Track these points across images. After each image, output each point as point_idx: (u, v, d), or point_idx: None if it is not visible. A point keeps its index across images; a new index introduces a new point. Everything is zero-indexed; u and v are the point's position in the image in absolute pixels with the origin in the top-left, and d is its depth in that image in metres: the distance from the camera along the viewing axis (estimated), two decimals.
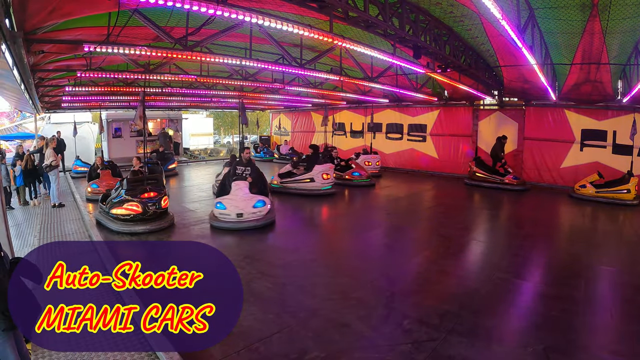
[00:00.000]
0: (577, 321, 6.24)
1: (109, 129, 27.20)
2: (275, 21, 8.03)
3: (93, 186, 15.97)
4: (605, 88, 16.30)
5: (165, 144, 27.79)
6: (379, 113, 26.10)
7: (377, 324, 5.86)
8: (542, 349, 5.36)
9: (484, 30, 11.83)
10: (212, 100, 26.16)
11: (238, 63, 12.50)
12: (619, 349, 5.57)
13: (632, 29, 10.87)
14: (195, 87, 19.95)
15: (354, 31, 11.52)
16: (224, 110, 37.73)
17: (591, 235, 11.90)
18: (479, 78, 16.51)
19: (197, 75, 15.97)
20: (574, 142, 19.22)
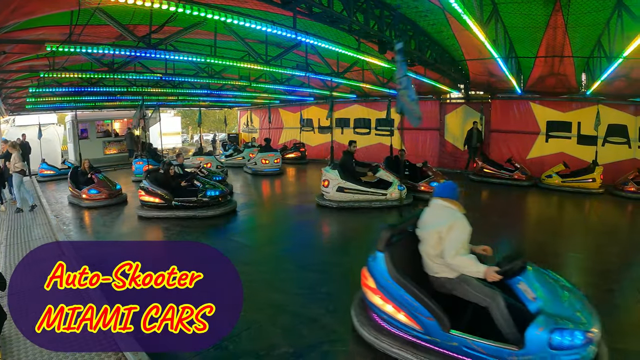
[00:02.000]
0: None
1: (74, 130, 26.56)
2: (239, 17, 7.98)
3: (92, 192, 14.76)
4: (569, 80, 16.62)
5: (131, 144, 27.40)
6: (347, 108, 26.20)
7: (346, 317, 5.83)
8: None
9: (449, 25, 11.91)
10: (179, 99, 25.90)
11: (203, 60, 12.39)
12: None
13: (594, 23, 11.05)
14: (162, 85, 19.69)
15: (318, 27, 11.48)
16: (192, 108, 37.33)
17: (557, 223, 12.08)
18: (445, 72, 16.60)
19: (163, 74, 15.78)
20: (539, 133, 19.57)
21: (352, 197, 13.27)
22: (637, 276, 7.84)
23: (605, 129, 17.42)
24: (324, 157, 26.85)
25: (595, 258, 8.79)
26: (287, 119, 29.68)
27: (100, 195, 14.76)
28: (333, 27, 9.99)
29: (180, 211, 12.67)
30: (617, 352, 4.94)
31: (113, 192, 15.11)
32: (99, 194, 14.76)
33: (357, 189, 13.29)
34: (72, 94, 19.74)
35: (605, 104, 17.28)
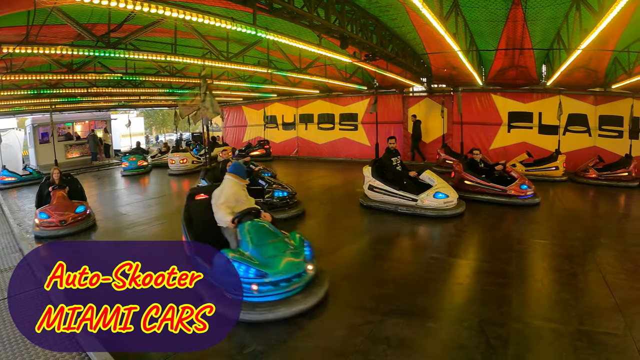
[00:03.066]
0: (511, 293, 6.36)
1: (35, 135, 25.86)
2: (197, 15, 7.87)
3: (42, 216, 10.66)
4: (529, 72, 16.99)
5: (94, 146, 26.89)
6: (310, 104, 26.08)
7: (313, 312, 5.81)
8: (477, 323, 5.44)
9: (410, 20, 11.95)
10: (141, 99, 25.48)
11: (163, 59, 12.21)
12: (552, 316, 5.73)
13: (553, 17, 11.25)
14: (123, 85, 19.34)
15: (280, 23, 11.40)
16: (154, 108, 36.79)
17: (522, 211, 12.21)
18: (407, 66, 16.67)
19: (123, 73, 15.51)
20: (501, 124, 19.95)
21: (382, 197, 11.93)
22: (600, 260, 7.97)
23: (566, 118, 17.86)
24: (289, 153, 26.83)
25: (560, 243, 8.89)
26: (251, 116, 29.42)
27: (50, 222, 10.57)
28: (294, 23, 9.93)
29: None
30: (584, 334, 5.13)
31: (69, 215, 10.83)
32: (48, 219, 10.59)
33: (384, 190, 11.82)
34: (31, 97, 19.22)
35: (566, 95, 17.73)
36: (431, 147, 21.45)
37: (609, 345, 4.93)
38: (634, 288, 6.55)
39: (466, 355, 4.84)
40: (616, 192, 14.09)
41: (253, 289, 5.58)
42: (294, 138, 27.19)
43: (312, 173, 20.73)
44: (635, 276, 7.07)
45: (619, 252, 8.28)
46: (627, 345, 4.93)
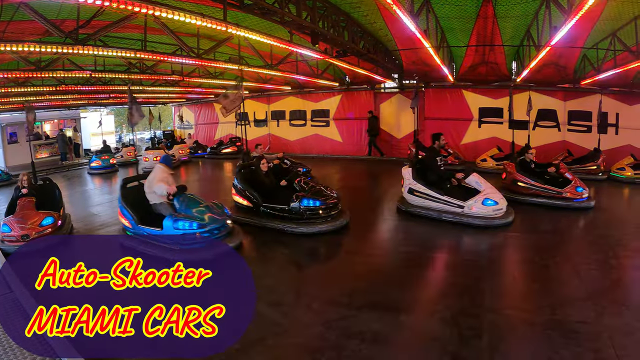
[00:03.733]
0: (483, 285, 6.48)
1: (2, 134, 25.02)
2: (167, 10, 7.75)
3: (4, 229, 9.08)
4: (500, 69, 17.21)
5: (63, 146, 26.32)
6: (282, 100, 26.03)
7: (288, 309, 5.83)
8: (449, 315, 5.54)
9: (381, 16, 11.96)
10: (111, 96, 25.01)
11: (133, 56, 12.01)
12: (523, 305, 5.90)
13: (523, 14, 11.38)
14: (92, 83, 18.97)
15: (251, 19, 11.30)
16: (124, 106, 36.20)
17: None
18: (378, 62, 16.68)
19: (92, 71, 15.23)
20: (472, 119, 20.27)
21: (423, 202, 10.63)
22: (571, 251, 8.11)
23: (536, 113, 18.13)
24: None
25: (532, 237, 9.05)
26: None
27: (12, 236, 8.99)
28: (265, 20, 9.85)
29: (266, 220, 10.13)
30: (555, 323, 5.30)
31: (32, 229, 9.14)
32: (9, 232, 9.01)
33: (427, 194, 10.49)
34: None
35: (536, 90, 18.03)
36: (403, 143, 21.53)
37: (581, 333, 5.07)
38: (605, 278, 6.69)
39: (439, 347, 4.90)
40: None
41: (197, 237, 7.94)
42: (265, 135, 27.05)
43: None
44: (605, 266, 7.23)
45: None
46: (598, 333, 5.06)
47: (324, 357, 4.74)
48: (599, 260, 7.55)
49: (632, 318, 5.37)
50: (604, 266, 7.31)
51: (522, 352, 4.88)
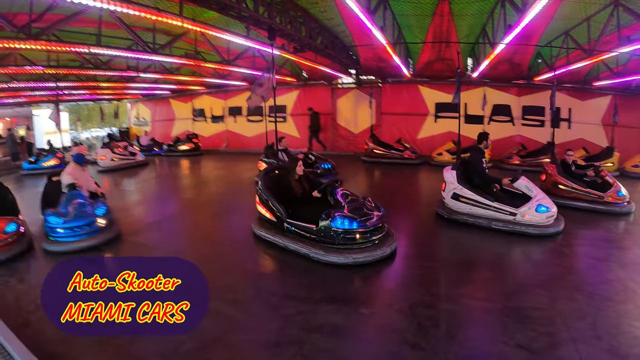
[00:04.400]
0: (440, 276, 6.61)
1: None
2: (122, 5, 7.64)
3: None
4: (455, 65, 17.38)
5: (13, 146, 25.34)
6: (240, 96, 25.80)
7: (246, 306, 5.83)
8: (407, 306, 5.61)
9: (339, 12, 12.01)
10: (65, 93, 24.41)
11: (87, 51, 11.79)
12: (479, 295, 6.05)
13: (479, 12, 11.58)
14: (46, 79, 18.51)
15: (208, 14, 11.24)
16: (79, 103, 35.39)
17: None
18: (336, 58, 16.78)
19: (45, 66, 14.87)
20: (428, 114, 20.61)
21: (469, 209, 9.48)
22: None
23: (491, 108, 18.57)
24: (218, 147, 26.52)
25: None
26: (179, 109, 28.84)
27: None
28: (222, 14, 9.79)
29: (289, 240, 7.89)
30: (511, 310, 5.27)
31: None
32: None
33: (475, 200, 9.37)
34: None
35: (490, 86, 18.43)
36: (360, 138, 21.64)
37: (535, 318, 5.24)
38: (556, 265, 6.97)
39: (398, 338, 4.96)
40: (538, 176, 14.78)
41: (59, 231, 8.20)
42: (223, 131, 26.91)
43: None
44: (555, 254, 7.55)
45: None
46: (552, 318, 5.23)
47: (285, 352, 4.75)
48: None
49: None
50: None
51: (479, 339, 4.99)
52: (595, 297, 5.80)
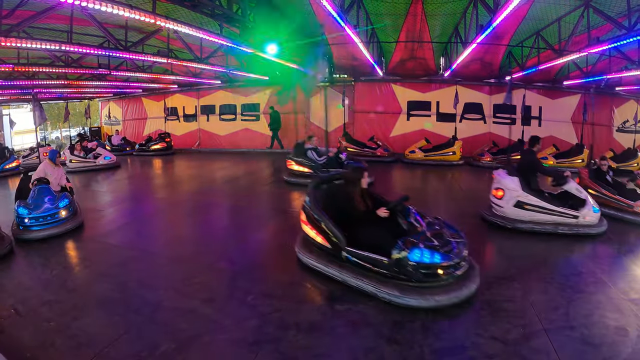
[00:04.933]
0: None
1: None
2: (94, 2, 7.56)
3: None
4: (428, 64, 17.71)
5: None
6: (212, 95, 25.79)
7: (222, 305, 5.79)
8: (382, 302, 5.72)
9: (312, 10, 12.02)
10: (34, 92, 23.92)
11: (58, 48, 11.64)
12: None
13: (452, 12, 11.74)
14: (15, 77, 18.17)
15: (181, 11, 11.17)
16: (49, 102, 34.77)
17: (423, 192, 12.99)
18: None
19: (15, 64, 14.61)
20: (401, 112, 20.94)
21: (532, 216, 9.00)
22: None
23: (463, 107, 18.83)
24: (191, 146, 26.37)
25: (457, 220, 9.32)
26: (151, 108, 28.58)
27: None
28: (195, 12, 9.75)
29: (349, 274, 6.17)
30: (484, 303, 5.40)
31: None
32: None
33: (541, 207, 8.93)
34: None
35: (463, 85, 18.71)
36: (333, 136, 21.63)
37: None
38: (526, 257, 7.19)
39: (374, 332, 5.04)
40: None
41: (26, 221, 8.94)
42: (195, 130, 26.82)
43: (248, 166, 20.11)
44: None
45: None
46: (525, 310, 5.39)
47: (262, 349, 4.76)
48: None
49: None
50: None
51: (453, 332, 5.05)
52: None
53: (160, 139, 24.77)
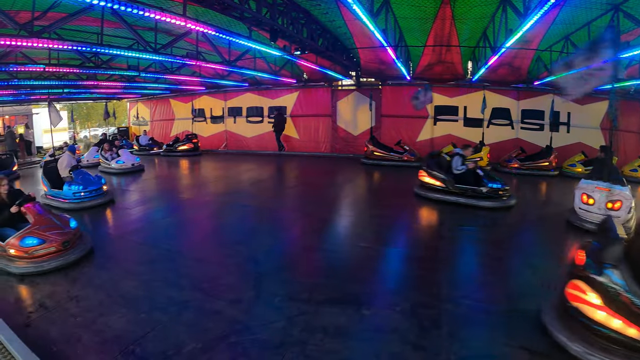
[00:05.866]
0: (441, 277, 6.66)
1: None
2: (126, 4, 7.65)
3: (29, 242, 7.26)
4: (456, 68, 17.58)
5: (12, 144, 25.11)
6: (239, 97, 25.86)
7: (248, 306, 5.79)
8: (409, 307, 5.66)
9: (341, 14, 12.03)
10: (65, 92, 24.23)
11: (89, 49, 11.78)
12: (479, 296, 6.05)
13: (480, 16, 11.66)
14: (45, 77, 18.42)
15: (210, 14, 11.24)
16: (78, 102, 35.22)
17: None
18: (336, 60, 16.81)
19: (46, 64, 14.81)
20: (428, 117, 20.63)
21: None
22: (523, 243, 8.35)
23: (490, 112, 18.65)
24: (217, 147, 26.50)
25: (487, 230, 9.41)
26: (179, 109, 28.82)
27: (46, 247, 7.29)
28: (224, 15, 9.81)
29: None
30: (516, 312, 5.48)
31: (70, 233, 7.83)
32: (42, 244, 7.27)
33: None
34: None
35: (490, 90, 18.51)
36: (359, 140, 21.70)
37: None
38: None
39: (400, 337, 5.00)
40: (538, 179, 14.84)
41: (81, 195, 11.85)
42: (222, 131, 26.92)
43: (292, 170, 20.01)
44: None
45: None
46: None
47: (288, 352, 4.75)
48: None
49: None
50: None
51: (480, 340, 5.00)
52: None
53: (188, 140, 24.91)
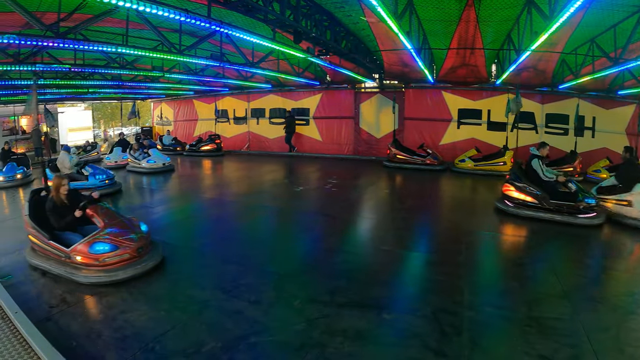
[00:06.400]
0: (462, 283, 6.59)
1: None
2: (152, 5, 7.71)
3: (100, 248, 6.80)
4: (479, 71, 17.41)
5: (38, 141, 25.18)
6: (262, 98, 25.96)
7: (268, 307, 5.81)
8: (430, 312, 5.60)
9: (365, 17, 12.01)
10: (90, 91, 24.49)
11: (114, 50, 11.89)
12: (501, 303, 5.98)
13: (505, 19, 11.56)
14: (71, 77, 18.65)
15: (234, 16, 11.28)
16: (103, 101, 35.59)
17: (470, 203, 12.65)
18: (360, 62, 16.80)
19: (72, 65, 14.99)
20: (451, 120, 20.50)
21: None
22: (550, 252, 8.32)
23: (514, 115, 18.44)
24: (240, 148, 26.61)
25: (504, 237, 9.39)
26: (202, 110, 29.02)
27: (119, 254, 6.85)
28: (248, 17, 9.84)
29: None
30: (531, 320, 5.41)
31: (143, 238, 7.44)
32: (115, 250, 6.85)
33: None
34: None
35: (515, 93, 18.24)
36: (382, 143, 21.68)
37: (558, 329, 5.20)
38: (580, 276, 6.94)
39: (420, 343, 4.96)
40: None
41: (106, 182, 13.83)
42: (245, 132, 27.04)
43: (308, 169, 20.23)
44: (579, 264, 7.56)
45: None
46: (575, 329, 5.19)
47: (308, 354, 4.75)
48: None
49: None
50: None
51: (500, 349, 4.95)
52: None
53: (211, 140, 25.09)
